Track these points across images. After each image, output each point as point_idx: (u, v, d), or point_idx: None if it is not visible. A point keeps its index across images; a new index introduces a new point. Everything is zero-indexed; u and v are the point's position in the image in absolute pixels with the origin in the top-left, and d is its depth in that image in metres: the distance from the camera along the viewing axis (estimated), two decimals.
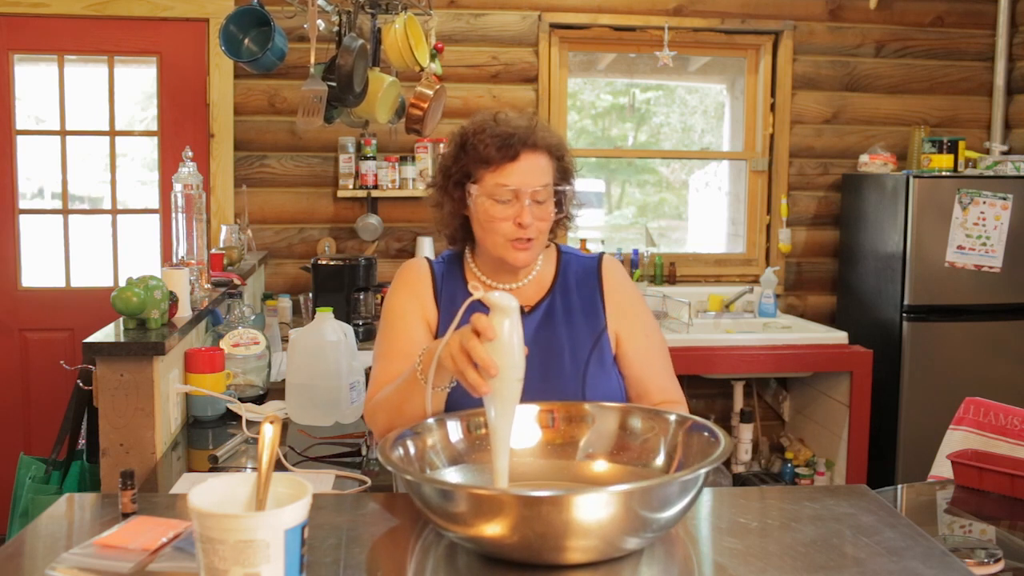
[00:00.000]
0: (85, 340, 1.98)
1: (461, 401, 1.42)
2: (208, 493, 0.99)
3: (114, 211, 3.95)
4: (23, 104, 3.90)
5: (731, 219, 4.57)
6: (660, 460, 1.35)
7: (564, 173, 1.64)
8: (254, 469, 1.43)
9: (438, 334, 1.63)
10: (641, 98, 4.74)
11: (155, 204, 3.98)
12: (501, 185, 1.54)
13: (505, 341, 1.24)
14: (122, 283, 2.06)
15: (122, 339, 2.00)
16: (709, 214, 4.74)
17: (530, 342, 1.59)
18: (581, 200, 1.73)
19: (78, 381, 2.15)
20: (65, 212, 3.93)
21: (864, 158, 4.19)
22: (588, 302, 1.68)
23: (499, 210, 1.55)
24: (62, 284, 3.93)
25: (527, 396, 1.28)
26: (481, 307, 1.29)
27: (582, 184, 4.92)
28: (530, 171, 1.55)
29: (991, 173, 3.91)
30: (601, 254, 1.74)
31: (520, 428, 1.37)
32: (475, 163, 1.57)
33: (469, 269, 1.69)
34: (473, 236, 1.65)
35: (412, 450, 1.32)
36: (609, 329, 1.67)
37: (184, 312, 2.26)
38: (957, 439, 2.13)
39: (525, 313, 1.64)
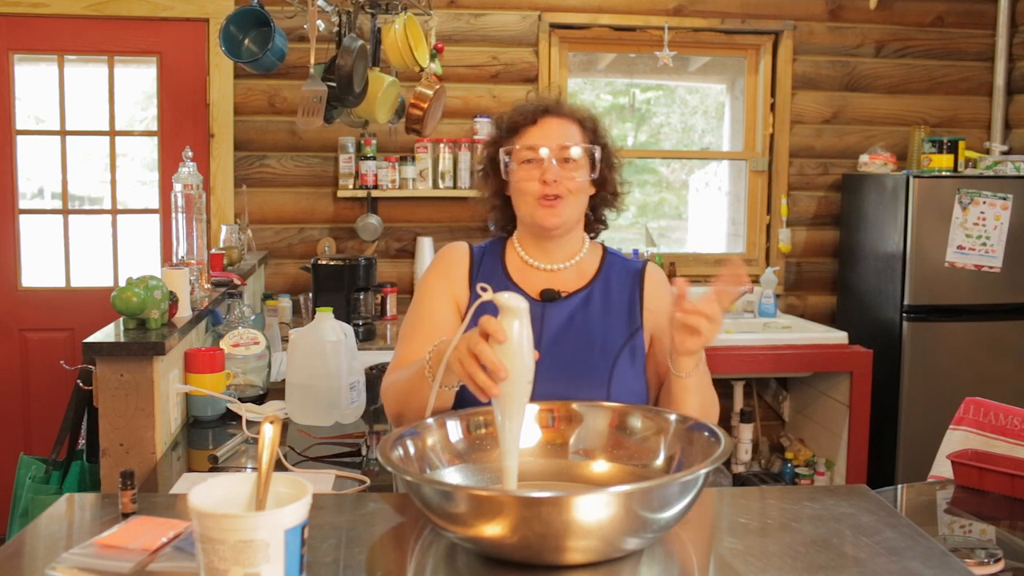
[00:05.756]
0: (85, 340, 1.98)
1: (473, 399, 1.42)
2: (208, 493, 0.99)
3: (114, 211, 3.95)
4: (23, 104, 3.89)
5: (731, 219, 4.57)
6: (660, 460, 1.35)
7: (597, 142, 1.70)
8: (254, 469, 1.43)
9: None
10: (641, 98, 4.74)
11: (155, 204, 3.98)
12: (525, 146, 1.65)
13: (515, 343, 1.22)
14: (122, 283, 2.06)
15: (122, 339, 2.00)
16: (709, 214, 4.73)
17: (563, 325, 1.64)
18: (623, 183, 1.76)
19: (78, 381, 2.15)
20: (65, 212, 3.93)
21: (864, 158, 4.19)
22: (627, 301, 1.70)
23: (526, 171, 1.64)
24: (62, 284, 3.93)
25: (551, 380, 1.28)
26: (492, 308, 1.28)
27: None
28: (553, 133, 1.65)
29: (991, 173, 3.91)
30: (647, 260, 1.78)
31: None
32: (506, 136, 1.69)
33: (512, 249, 1.74)
34: (515, 220, 1.74)
35: (412, 450, 1.32)
36: (645, 331, 1.68)
37: (184, 312, 2.26)
38: (957, 439, 2.14)
39: (563, 297, 1.68)
